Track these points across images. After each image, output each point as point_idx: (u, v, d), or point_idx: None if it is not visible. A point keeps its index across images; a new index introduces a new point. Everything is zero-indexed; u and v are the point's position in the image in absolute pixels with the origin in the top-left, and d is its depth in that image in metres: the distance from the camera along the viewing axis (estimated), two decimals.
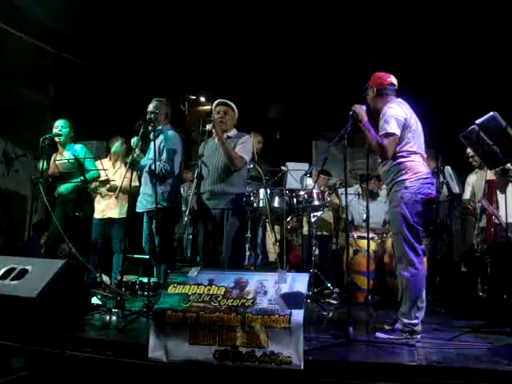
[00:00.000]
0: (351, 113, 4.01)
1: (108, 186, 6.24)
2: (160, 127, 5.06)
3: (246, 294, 3.29)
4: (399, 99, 4.16)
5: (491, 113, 4.00)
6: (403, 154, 3.97)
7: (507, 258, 5.03)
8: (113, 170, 6.56)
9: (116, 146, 6.52)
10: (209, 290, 3.38)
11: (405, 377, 3.05)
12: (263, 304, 3.20)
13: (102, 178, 6.11)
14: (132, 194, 5.53)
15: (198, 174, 4.47)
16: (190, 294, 3.38)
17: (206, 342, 3.15)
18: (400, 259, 3.95)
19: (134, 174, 5.23)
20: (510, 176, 4.90)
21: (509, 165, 4.71)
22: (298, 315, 3.09)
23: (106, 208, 6.40)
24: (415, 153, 4.00)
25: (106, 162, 6.60)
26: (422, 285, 3.90)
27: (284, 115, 9.22)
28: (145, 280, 5.79)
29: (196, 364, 3.14)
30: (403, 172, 3.96)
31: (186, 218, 4.54)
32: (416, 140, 4.03)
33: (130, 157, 4.86)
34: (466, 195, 6.33)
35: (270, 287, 3.29)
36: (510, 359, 3.25)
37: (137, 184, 5.49)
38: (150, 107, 5.10)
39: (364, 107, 4.05)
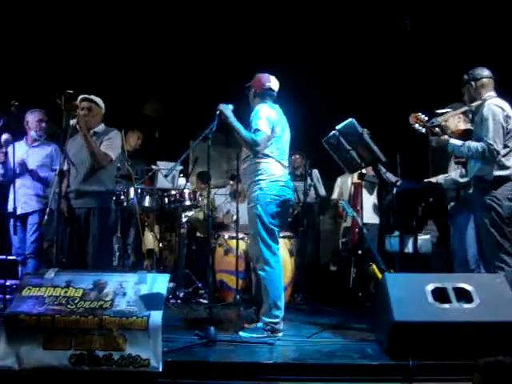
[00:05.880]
0: (218, 112, 4.05)
1: None
2: None
3: (105, 296, 3.20)
4: (276, 105, 4.25)
5: (350, 119, 4.22)
6: (260, 155, 4.07)
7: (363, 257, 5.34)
8: None
9: None
10: (66, 292, 3.25)
11: (262, 375, 3.12)
12: (121, 306, 3.13)
13: None
14: None
15: (60, 171, 4.26)
16: (45, 296, 3.23)
17: (62, 347, 3.04)
18: (257, 259, 4.05)
19: None
20: (366, 180, 5.18)
21: (365, 170, 4.99)
22: (156, 316, 3.06)
23: None
24: (273, 158, 4.10)
25: None
26: (280, 283, 4.02)
27: (162, 113, 9.09)
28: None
29: (51, 370, 3.01)
30: (259, 173, 4.06)
31: (45, 217, 4.32)
32: (276, 147, 4.13)
33: None
34: (334, 195, 6.71)
35: (129, 288, 3.23)
36: (361, 353, 3.45)
37: None
38: None
39: (230, 106, 4.10)
